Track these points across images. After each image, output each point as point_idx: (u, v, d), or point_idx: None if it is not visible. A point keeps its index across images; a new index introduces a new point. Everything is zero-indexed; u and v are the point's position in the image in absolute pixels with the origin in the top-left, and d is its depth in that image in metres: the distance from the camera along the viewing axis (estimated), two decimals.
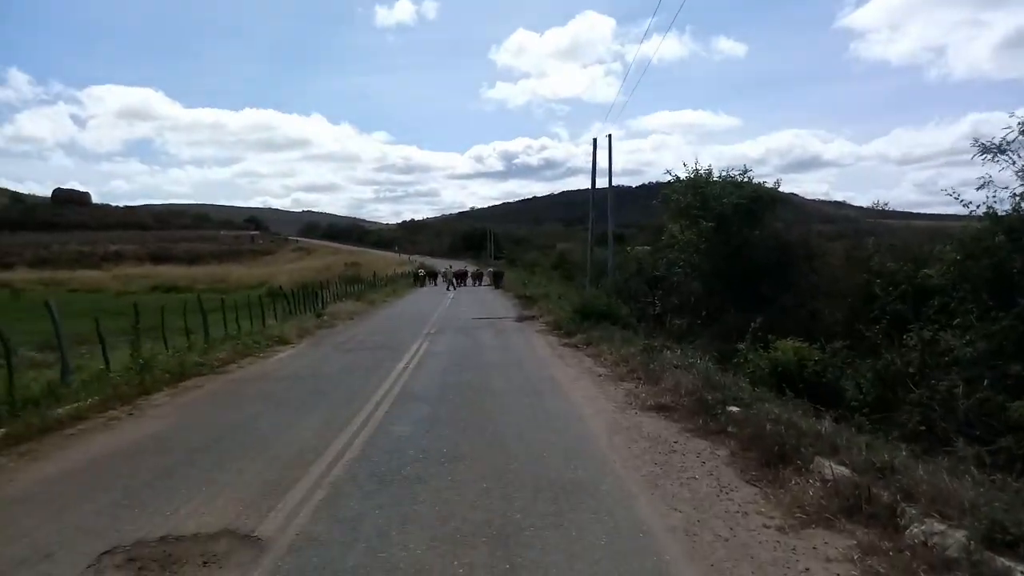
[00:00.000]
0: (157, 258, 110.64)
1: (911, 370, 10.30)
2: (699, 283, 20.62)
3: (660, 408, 8.80)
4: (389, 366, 13.68)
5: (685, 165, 21.87)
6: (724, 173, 21.25)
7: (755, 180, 20.94)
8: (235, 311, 20.00)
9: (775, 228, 20.40)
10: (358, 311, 29.91)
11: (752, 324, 12.78)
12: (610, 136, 28.56)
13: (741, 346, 12.70)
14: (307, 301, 29.30)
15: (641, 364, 11.59)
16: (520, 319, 24.72)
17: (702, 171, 21.38)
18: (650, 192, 27.98)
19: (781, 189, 22.08)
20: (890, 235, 30.48)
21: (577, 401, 9.73)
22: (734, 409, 8.00)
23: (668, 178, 22.13)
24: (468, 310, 29.81)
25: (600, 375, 11.88)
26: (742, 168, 21.22)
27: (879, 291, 13.04)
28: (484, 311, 28.93)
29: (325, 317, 26.45)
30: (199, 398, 11.16)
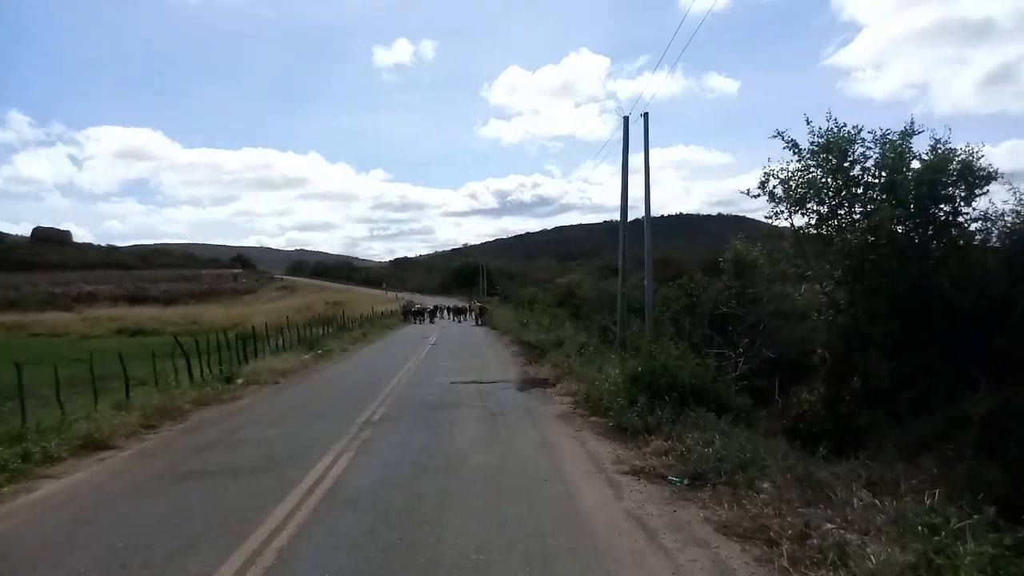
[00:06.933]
0: (134, 299, 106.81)
1: None
2: (840, 326, 11.46)
3: None
4: (211, 563, 4.96)
5: (809, 122, 12.66)
6: (874, 133, 11.96)
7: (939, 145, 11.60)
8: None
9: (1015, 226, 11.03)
10: (294, 368, 21.07)
11: None
12: (646, 115, 19.22)
13: None
14: (239, 352, 20.91)
15: None
16: (524, 385, 15.98)
17: (844, 129, 11.95)
18: (642, 228, 17.78)
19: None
20: None
21: None
22: None
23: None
24: (449, 364, 21.00)
25: None
26: (908, 125, 11.84)
27: None
28: (470, 367, 20.08)
29: (239, 381, 17.89)
30: None
